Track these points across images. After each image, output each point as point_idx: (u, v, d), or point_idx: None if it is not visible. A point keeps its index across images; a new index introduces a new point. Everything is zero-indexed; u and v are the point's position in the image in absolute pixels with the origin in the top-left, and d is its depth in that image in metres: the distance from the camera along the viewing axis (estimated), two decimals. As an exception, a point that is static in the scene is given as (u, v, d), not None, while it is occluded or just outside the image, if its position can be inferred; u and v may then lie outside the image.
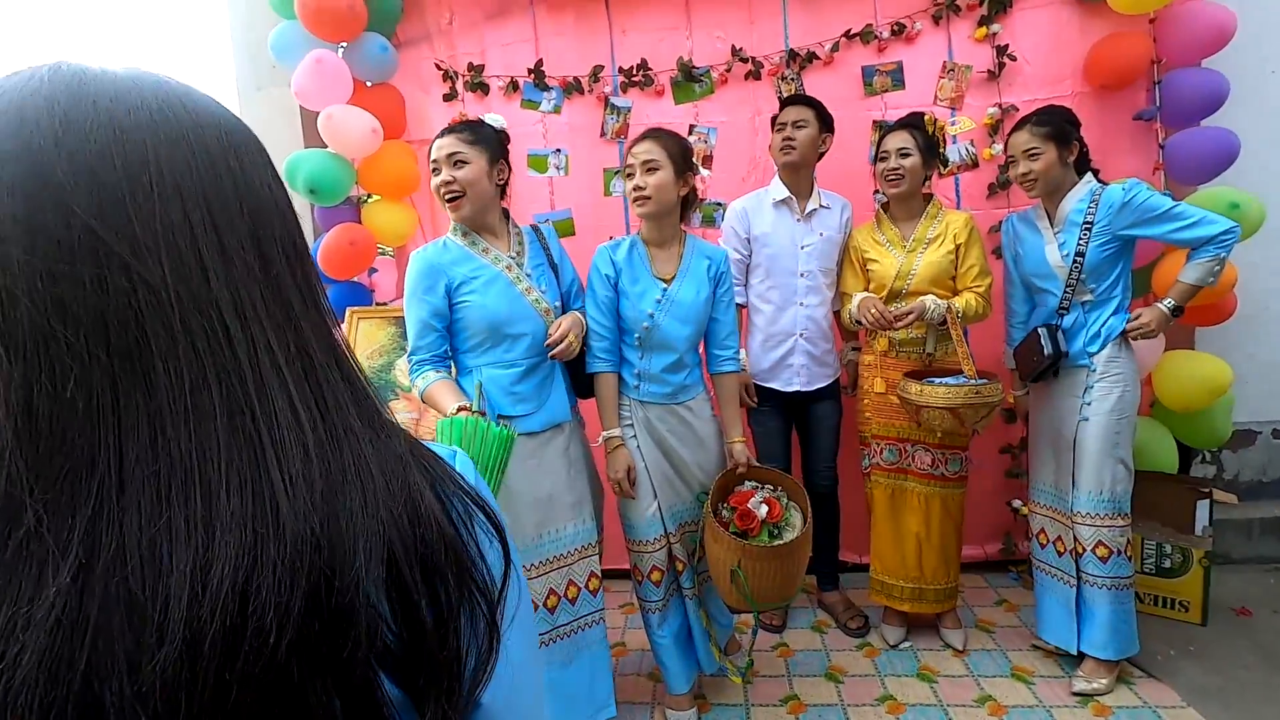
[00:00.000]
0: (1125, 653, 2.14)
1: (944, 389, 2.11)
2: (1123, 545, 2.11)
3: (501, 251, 1.88)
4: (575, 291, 2.05)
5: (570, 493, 1.94)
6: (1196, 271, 2.01)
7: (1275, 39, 2.71)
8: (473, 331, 1.84)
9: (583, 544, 1.97)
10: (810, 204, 2.41)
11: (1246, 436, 2.94)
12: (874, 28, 2.72)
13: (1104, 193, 2.07)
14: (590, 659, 1.98)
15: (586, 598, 1.98)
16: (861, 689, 2.23)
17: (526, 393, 1.87)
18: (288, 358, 0.38)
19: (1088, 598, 2.16)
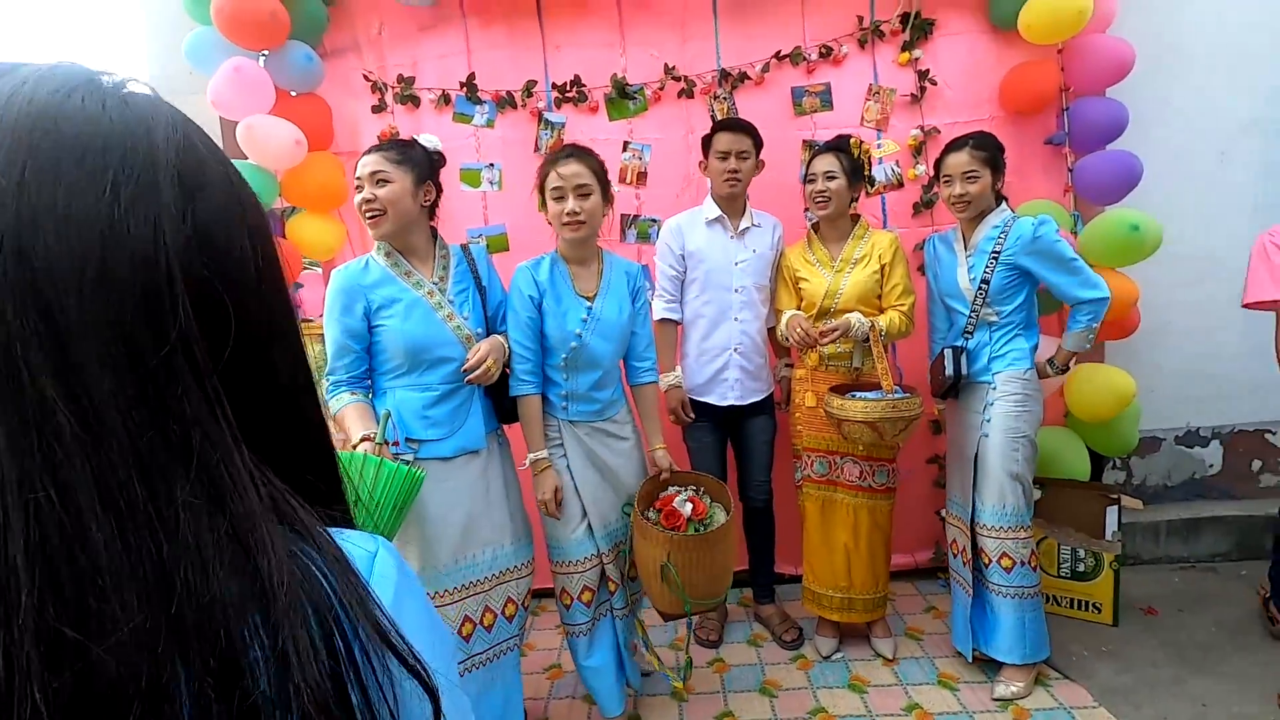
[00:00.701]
0: (1033, 657, 2.22)
1: (862, 403, 2.16)
2: (1025, 556, 2.19)
3: (424, 275, 1.87)
4: (503, 313, 2.03)
5: (488, 518, 1.92)
6: (1074, 341, 2.18)
7: (1170, 72, 2.89)
8: (390, 355, 1.82)
9: (502, 569, 1.95)
10: (743, 222, 2.45)
11: (1153, 443, 3.10)
12: (803, 50, 2.78)
13: (1015, 224, 2.16)
14: (504, 686, 1.98)
15: (503, 624, 1.97)
16: (795, 702, 2.25)
17: (440, 418, 1.84)
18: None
19: (994, 605, 2.24)
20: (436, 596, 1.84)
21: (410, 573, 0.44)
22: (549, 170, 1.96)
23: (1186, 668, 2.29)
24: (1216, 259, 3.01)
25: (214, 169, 0.39)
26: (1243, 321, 3.05)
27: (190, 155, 0.37)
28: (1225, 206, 3.00)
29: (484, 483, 1.92)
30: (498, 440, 2.01)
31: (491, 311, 1.99)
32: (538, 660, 2.60)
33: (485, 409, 1.95)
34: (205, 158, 0.39)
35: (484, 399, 1.95)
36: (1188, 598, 2.73)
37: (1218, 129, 2.96)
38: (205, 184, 0.37)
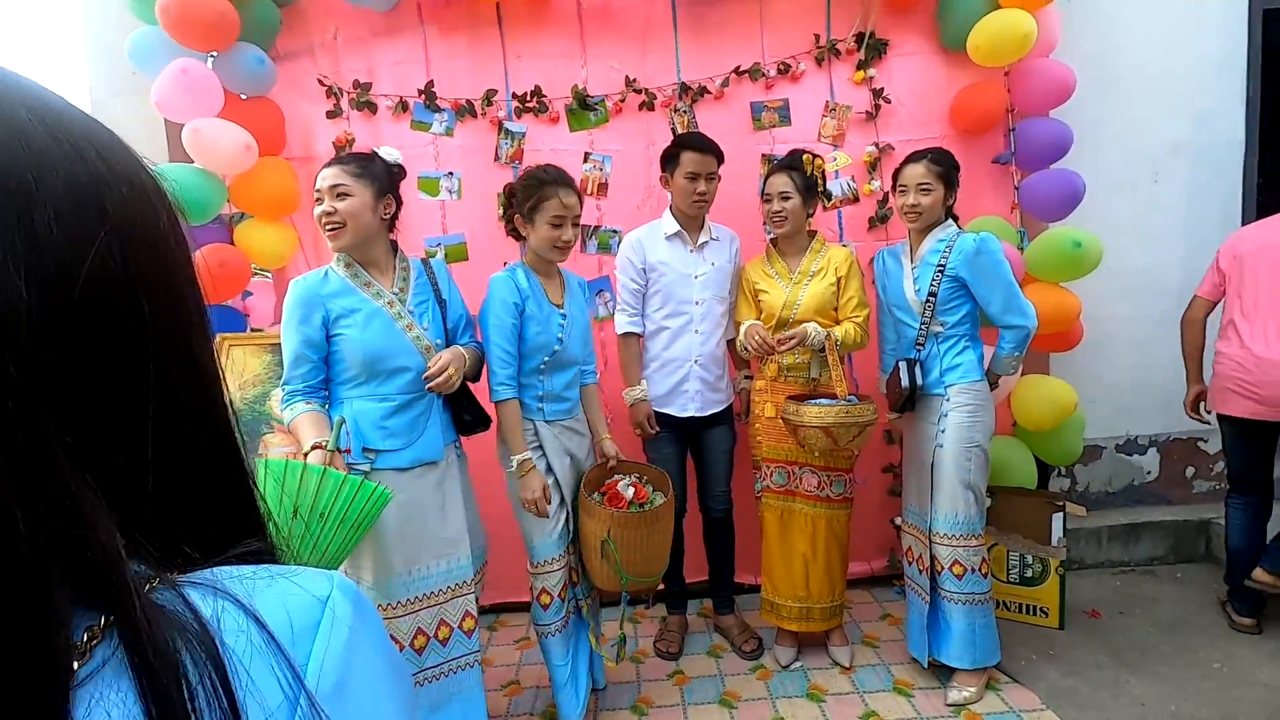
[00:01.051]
0: (983, 662, 2.28)
1: (818, 409, 2.21)
2: (977, 563, 2.25)
3: (384, 286, 1.88)
4: (463, 326, 2.05)
5: (443, 530, 1.92)
6: (1000, 364, 2.27)
7: (1107, 96, 3.03)
8: (348, 364, 1.83)
9: (456, 582, 1.95)
10: (702, 236, 2.47)
11: (1095, 452, 3.22)
12: (762, 66, 2.83)
13: (959, 239, 2.22)
14: (463, 706, 1.95)
15: (460, 638, 1.95)
16: (754, 713, 2.26)
17: (398, 428, 1.85)
18: None
19: (946, 612, 2.29)
20: (390, 608, 1.84)
21: (370, 614, 0.40)
22: (551, 195, 2.00)
23: (1127, 669, 2.38)
24: (1152, 275, 3.16)
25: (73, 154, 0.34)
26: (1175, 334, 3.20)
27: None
28: (1159, 226, 3.14)
29: (440, 495, 1.92)
30: (456, 452, 2.01)
31: (451, 324, 2.00)
32: (495, 677, 2.56)
33: (444, 421, 1.95)
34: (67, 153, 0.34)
35: (443, 411, 1.95)
36: (1128, 600, 2.83)
37: (1150, 151, 3.10)
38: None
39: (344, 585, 0.39)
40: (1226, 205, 3.16)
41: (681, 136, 2.48)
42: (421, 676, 1.88)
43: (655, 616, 2.88)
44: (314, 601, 0.37)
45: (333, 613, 0.37)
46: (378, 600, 1.84)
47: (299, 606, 0.36)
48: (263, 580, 0.36)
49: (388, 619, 1.84)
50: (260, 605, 0.35)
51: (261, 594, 0.36)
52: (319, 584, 0.38)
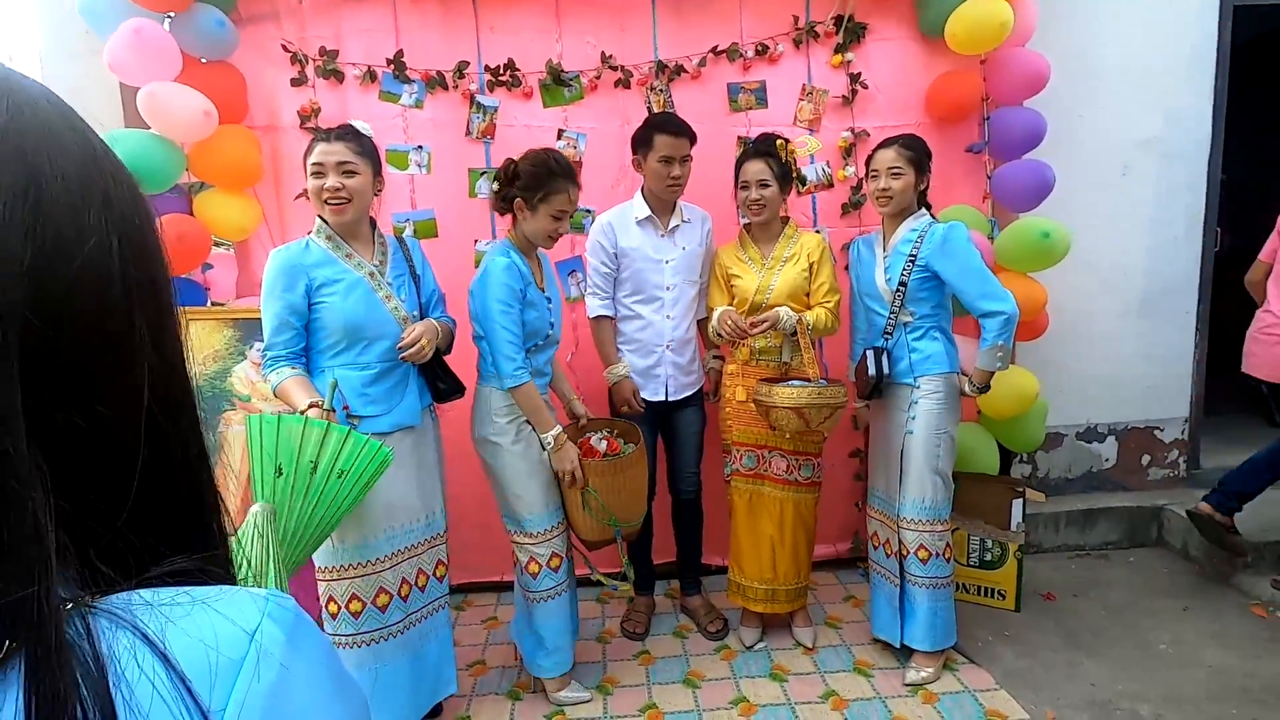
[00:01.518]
0: (942, 644, 2.33)
1: (790, 390, 2.23)
2: (941, 548, 2.30)
3: (365, 259, 1.97)
4: (435, 301, 2.15)
5: (418, 490, 2.06)
6: (984, 359, 2.18)
7: (1081, 88, 3.05)
8: (329, 332, 1.91)
9: (431, 535, 2.12)
10: (673, 220, 2.45)
11: (1056, 439, 3.29)
12: (739, 46, 2.79)
13: (930, 229, 2.22)
14: (438, 641, 2.14)
15: (435, 584, 2.14)
16: (718, 693, 2.29)
17: (377, 395, 1.96)
18: None
19: (910, 595, 2.34)
20: (375, 563, 1.96)
21: (309, 642, 0.36)
22: (561, 189, 2.06)
23: (1079, 651, 2.45)
24: (1119, 268, 3.22)
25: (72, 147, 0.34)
26: (1139, 327, 3.28)
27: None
28: (1127, 219, 3.19)
29: (417, 456, 2.06)
30: (430, 416, 2.14)
31: (425, 299, 2.11)
32: (461, 656, 2.54)
33: (420, 387, 2.07)
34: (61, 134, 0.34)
35: (418, 378, 2.06)
36: (1082, 583, 2.92)
37: (1121, 145, 3.14)
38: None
39: (278, 612, 0.35)
40: (1192, 201, 3.22)
41: (654, 118, 2.44)
42: (406, 621, 2.03)
43: (623, 597, 2.90)
44: (238, 635, 0.33)
45: (259, 648, 0.33)
46: (362, 558, 1.95)
47: (220, 640, 0.32)
48: (181, 608, 0.33)
49: (374, 574, 1.95)
50: (173, 640, 0.31)
51: (177, 625, 0.32)
52: (247, 613, 0.34)
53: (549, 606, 2.22)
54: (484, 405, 2.17)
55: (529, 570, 2.20)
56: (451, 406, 2.20)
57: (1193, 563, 3.04)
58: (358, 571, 1.94)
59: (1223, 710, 2.12)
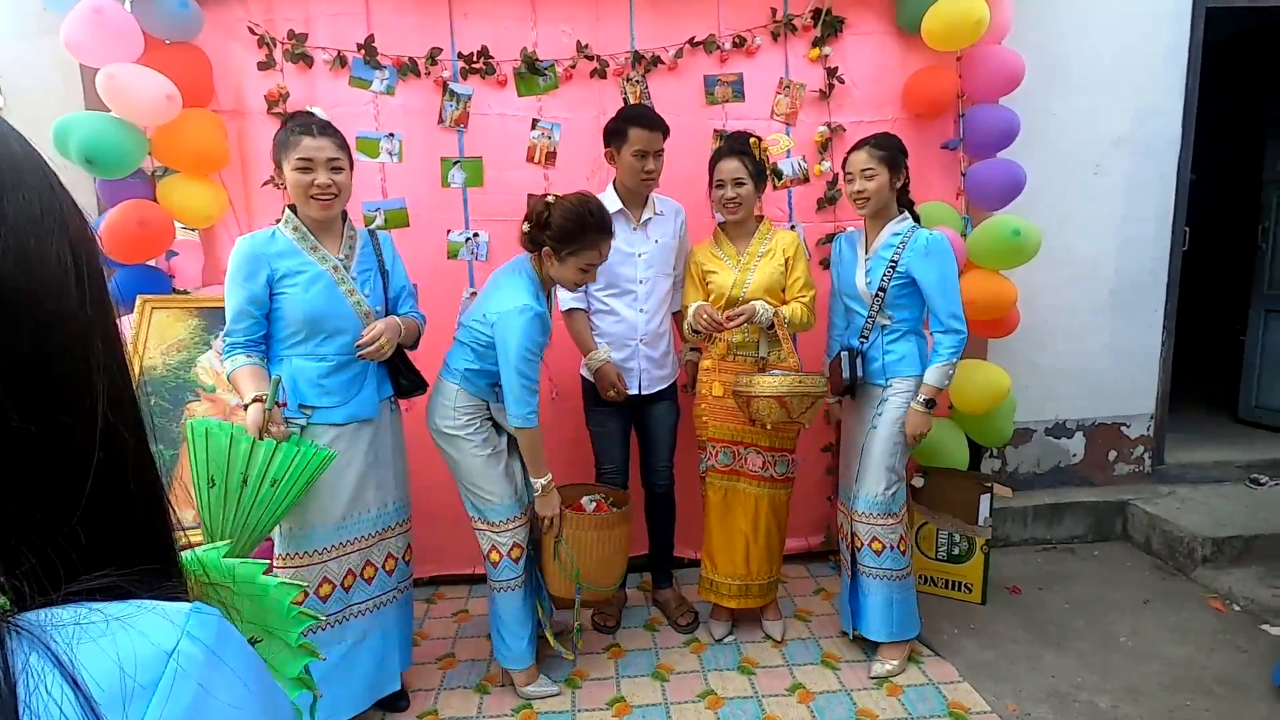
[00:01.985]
0: (901, 635, 2.36)
1: (772, 379, 2.23)
2: (894, 541, 2.32)
3: (330, 252, 1.97)
4: (404, 296, 2.15)
5: (375, 481, 2.07)
6: (936, 376, 2.20)
7: (1054, 86, 3.06)
8: (288, 323, 1.92)
9: (384, 526, 2.11)
10: (646, 213, 2.43)
11: (1025, 434, 3.34)
12: (716, 38, 2.77)
13: (914, 236, 2.21)
14: (383, 637, 2.12)
15: (383, 578, 2.12)
16: (686, 686, 2.30)
17: (334, 387, 1.96)
18: None
19: (864, 587, 2.37)
20: (321, 553, 1.98)
21: (232, 659, 0.35)
22: (594, 245, 2.06)
23: (1041, 643, 2.49)
24: (1090, 265, 3.25)
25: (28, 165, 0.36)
26: (1108, 324, 3.32)
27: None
28: (1098, 217, 3.23)
29: (374, 449, 2.06)
30: (390, 408, 2.13)
31: (393, 294, 2.10)
32: (430, 650, 2.55)
33: (380, 379, 2.07)
34: (17, 152, 0.36)
35: (380, 370, 2.06)
36: (1048, 577, 2.96)
37: (1093, 143, 3.17)
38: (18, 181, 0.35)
39: (199, 629, 0.34)
40: (1162, 200, 3.26)
41: (628, 110, 2.41)
42: (349, 611, 2.04)
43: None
44: (155, 655, 0.32)
45: (177, 667, 0.32)
46: (306, 548, 1.96)
47: (136, 661, 0.31)
48: (96, 626, 0.32)
49: (318, 563, 1.98)
50: (87, 660, 0.30)
51: (91, 645, 0.31)
52: (166, 631, 0.33)
53: (509, 596, 2.23)
54: (444, 399, 2.14)
55: (490, 559, 2.22)
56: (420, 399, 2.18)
57: (1154, 557, 3.10)
58: (301, 561, 1.96)
59: (1177, 701, 2.17)
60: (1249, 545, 2.91)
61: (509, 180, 2.77)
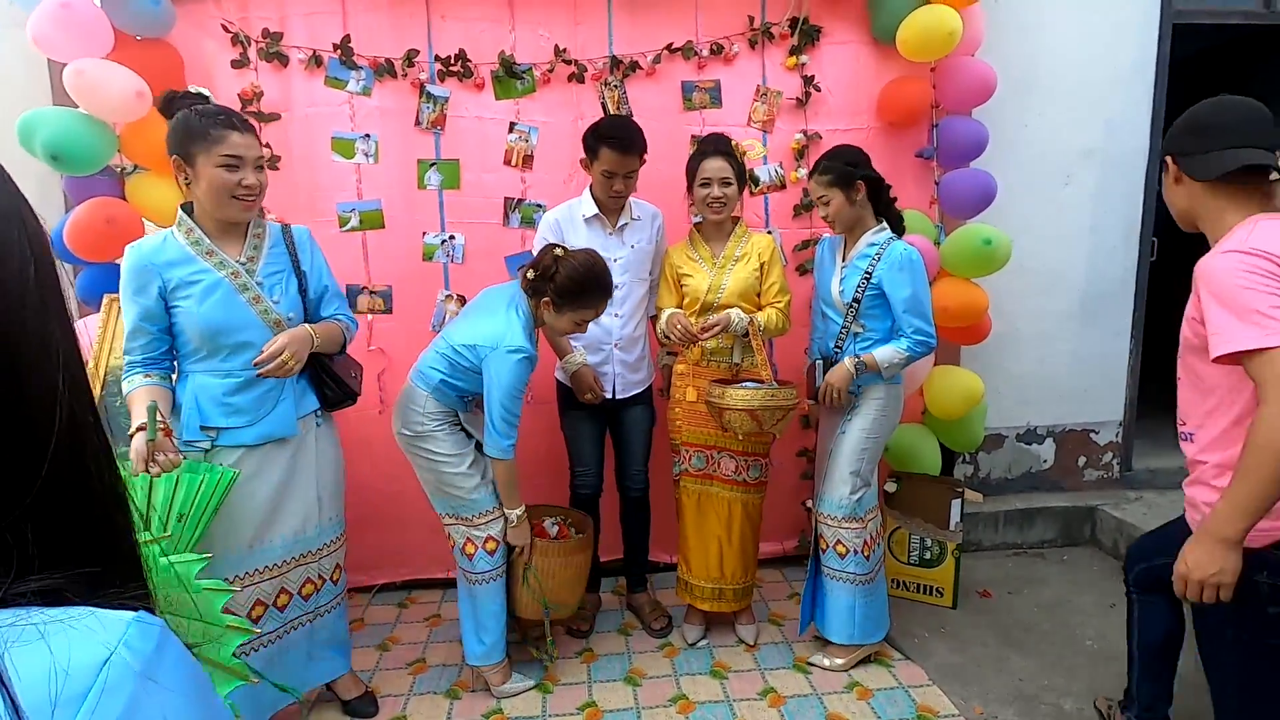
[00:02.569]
0: (861, 640, 2.37)
1: (744, 392, 2.24)
2: (859, 545, 2.34)
3: (230, 256, 1.80)
4: (327, 298, 1.99)
5: (291, 505, 1.92)
6: (886, 353, 2.20)
7: (1026, 98, 3.12)
8: (188, 338, 1.78)
9: (302, 552, 1.98)
10: (621, 219, 2.44)
11: (997, 440, 3.38)
12: (694, 44, 2.79)
13: (890, 248, 2.22)
14: (295, 653, 2.00)
15: (298, 602, 2.01)
16: (657, 690, 2.30)
17: (244, 405, 1.81)
18: None
19: (827, 588, 2.40)
20: (229, 582, 1.79)
21: (170, 669, 0.35)
22: (593, 305, 2.11)
23: (1010, 647, 2.52)
24: (1060, 274, 3.31)
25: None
26: (1078, 332, 3.38)
27: None
28: (1068, 227, 3.28)
29: (291, 470, 1.91)
30: (316, 421, 1.98)
31: (314, 296, 1.95)
32: (401, 655, 2.53)
33: (299, 393, 1.92)
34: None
35: (299, 382, 1.91)
36: (1018, 581, 3.00)
37: (1064, 154, 3.22)
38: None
39: (137, 639, 0.34)
40: (1130, 211, 3.33)
41: (605, 128, 2.34)
42: (257, 643, 1.90)
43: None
44: (88, 664, 0.31)
45: (107, 678, 0.31)
46: (212, 576, 1.82)
47: (68, 669, 0.31)
48: (33, 630, 0.31)
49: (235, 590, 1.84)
50: (20, 663, 0.30)
51: (24, 648, 0.30)
52: (99, 640, 0.32)
53: (487, 589, 2.22)
54: (414, 405, 2.12)
55: (465, 552, 2.20)
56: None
57: (1121, 561, 3.15)
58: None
59: (1140, 704, 2.20)
60: (1212, 550, 2.96)
61: (486, 183, 2.77)
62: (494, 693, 2.26)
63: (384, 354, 2.79)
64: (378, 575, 2.94)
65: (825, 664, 2.38)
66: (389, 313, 2.79)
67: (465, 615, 2.28)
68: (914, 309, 2.19)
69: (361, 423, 2.80)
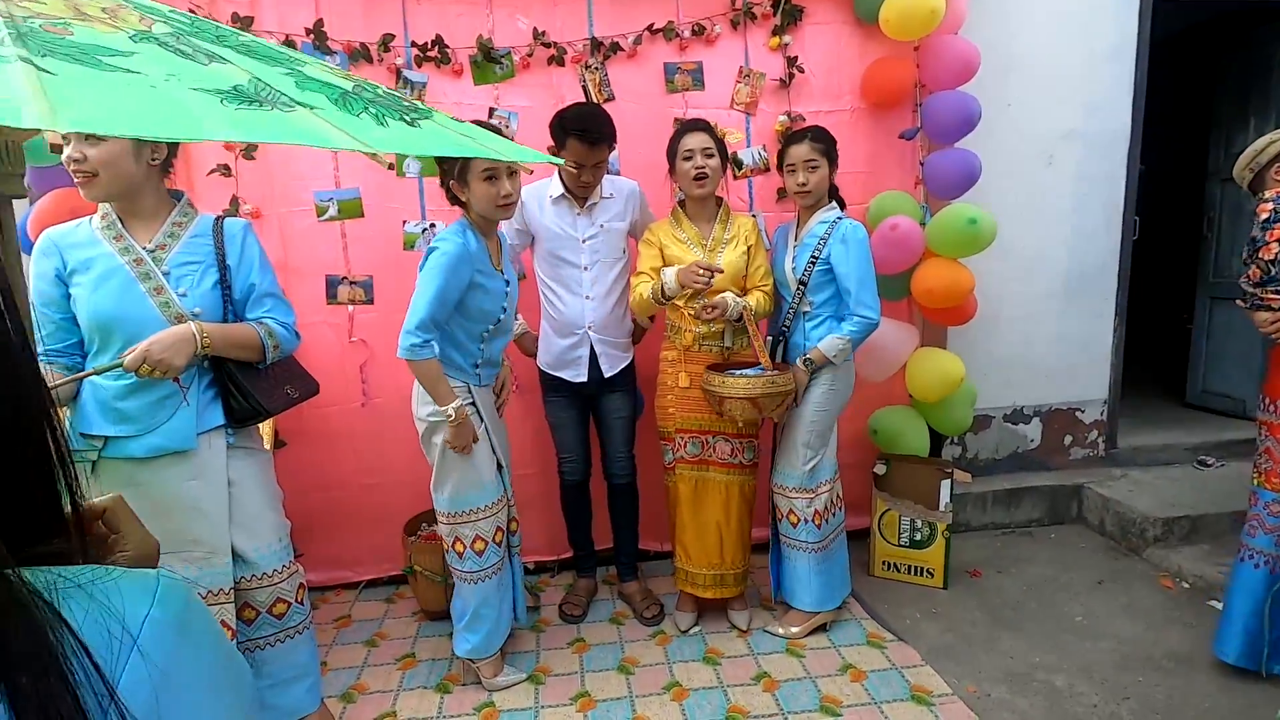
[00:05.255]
0: (819, 606, 2.48)
1: (744, 380, 2.23)
2: (810, 515, 2.42)
3: (138, 241, 1.63)
4: (255, 299, 1.77)
5: (191, 530, 1.67)
6: (828, 344, 2.28)
7: (1010, 78, 3.11)
8: (85, 329, 1.61)
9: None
10: (591, 197, 2.39)
11: (985, 421, 3.39)
12: (676, 25, 2.74)
13: (838, 225, 2.29)
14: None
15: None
16: (651, 678, 2.29)
17: (135, 411, 1.60)
18: None
19: (787, 557, 2.50)
20: None
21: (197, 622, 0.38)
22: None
23: (999, 626, 2.53)
24: (1043, 255, 3.32)
25: None
26: (1062, 313, 3.39)
27: None
28: (1050, 208, 3.29)
29: (194, 490, 1.66)
30: (225, 438, 1.72)
31: (240, 294, 1.75)
32: (390, 650, 2.49)
33: (203, 404, 1.69)
34: None
35: (205, 391, 1.70)
36: (1006, 560, 3.02)
37: (1046, 135, 3.22)
38: None
39: (168, 595, 0.36)
40: (1112, 191, 3.34)
41: (570, 119, 2.25)
42: None
43: (561, 585, 2.87)
44: (135, 617, 0.35)
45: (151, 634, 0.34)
46: None
47: (123, 620, 0.34)
48: (72, 591, 0.34)
49: None
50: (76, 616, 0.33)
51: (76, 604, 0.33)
52: (138, 598, 0.35)
53: (481, 588, 2.20)
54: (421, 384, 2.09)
55: (455, 549, 2.19)
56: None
57: (1108, 538, 3.18)
58: None
59: (1129, 678, 2.22)
60: (1196, 524, 3.00)
61: (466, 169, 2.71)
62: (485, 685, 2.24)
63: (366, 345, 2.74)
64: (363, 571, 2.90)
65: (780, 631, 2.48)
66: (370, 303, 2.73)
67: (456, 609, 2.25)
68: (862, 286, 2.27)
69: (343, 416, 2.76)
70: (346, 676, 2.34)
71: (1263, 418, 2.16)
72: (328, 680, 2.30)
